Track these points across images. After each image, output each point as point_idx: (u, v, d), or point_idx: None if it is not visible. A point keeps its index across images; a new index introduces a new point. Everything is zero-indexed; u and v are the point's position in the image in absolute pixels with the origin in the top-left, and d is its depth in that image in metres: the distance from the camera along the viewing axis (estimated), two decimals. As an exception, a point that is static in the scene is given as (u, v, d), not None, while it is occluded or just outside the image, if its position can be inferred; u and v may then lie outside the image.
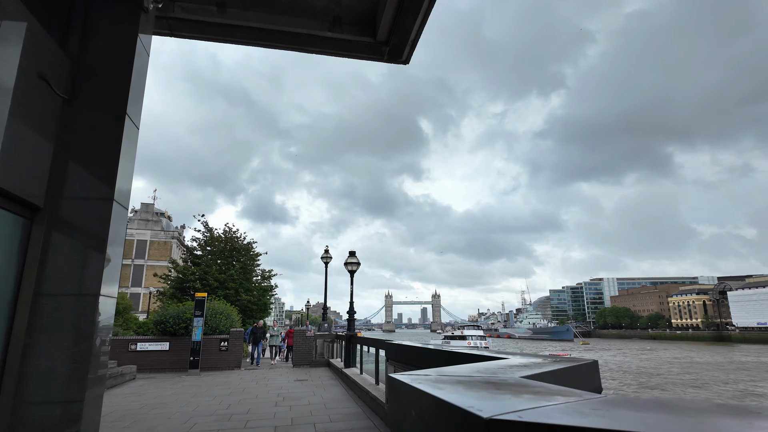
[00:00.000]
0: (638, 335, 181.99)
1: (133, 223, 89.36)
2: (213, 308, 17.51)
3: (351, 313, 13.85)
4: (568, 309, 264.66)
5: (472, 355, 4.23)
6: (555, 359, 3.47)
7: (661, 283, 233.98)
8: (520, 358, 3.81)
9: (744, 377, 51.97)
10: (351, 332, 13.52)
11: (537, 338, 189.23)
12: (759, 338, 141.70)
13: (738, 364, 71.13)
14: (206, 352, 16.73)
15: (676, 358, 78.45)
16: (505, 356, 3.85)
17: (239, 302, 21.94)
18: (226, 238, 24.47)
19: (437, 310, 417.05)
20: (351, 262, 13.95)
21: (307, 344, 17.59)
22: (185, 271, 22.55)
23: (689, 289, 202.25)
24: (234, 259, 23.93)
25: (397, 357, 6.53)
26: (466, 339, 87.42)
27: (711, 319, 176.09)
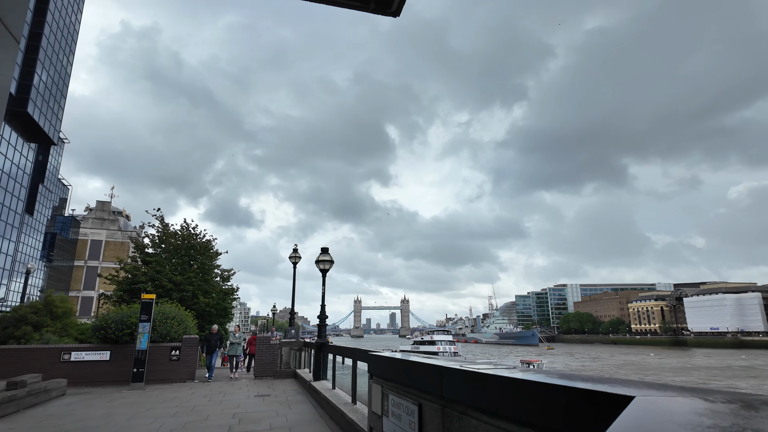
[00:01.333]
0: (600, 340, 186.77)
1: (87, 222, 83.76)
2: (164, 312, 15.39)
3: (322, 318, 12.19)
4: (533, 314, 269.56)
5: (513, 380, 2.79)
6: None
7: (621, 289, 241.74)
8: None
9: (693, 378, 53.26)
10: (322, 339, 11.86)
11: (503, 343, 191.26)
12: (712, 342, 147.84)
13: (691, 365, 73.38)
14: (154, 362, 14.61)
15: (633, 362, 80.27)
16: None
17: (196, 306, 19.76)
18: (183, 236, 22.17)
19: (406, 316, 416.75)
20: (323, 260, 12.30)
21: (271, 353, 15.69)
22: (135, 272, 20.14)
23: (648, 296, 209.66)
24: (191, 258, 21.68)
25: (387, 374, 5.00)
26: (435, 344, 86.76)
27: (668, 324, 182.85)
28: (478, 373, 3.25)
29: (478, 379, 3.23)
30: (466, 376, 3.40)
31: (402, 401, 4.53)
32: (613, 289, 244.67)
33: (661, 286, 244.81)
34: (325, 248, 12.53)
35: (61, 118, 71.26)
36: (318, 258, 12.36)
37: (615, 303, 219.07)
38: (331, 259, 12.42)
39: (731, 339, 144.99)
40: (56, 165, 77.42)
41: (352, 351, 8.24)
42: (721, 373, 63.12)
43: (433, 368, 3.84)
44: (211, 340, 16.33)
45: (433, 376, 3.83)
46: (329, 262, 12.36)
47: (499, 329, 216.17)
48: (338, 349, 9.73)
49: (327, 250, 12.53)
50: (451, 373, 3.59)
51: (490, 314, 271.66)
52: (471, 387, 3.29)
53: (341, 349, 9.45)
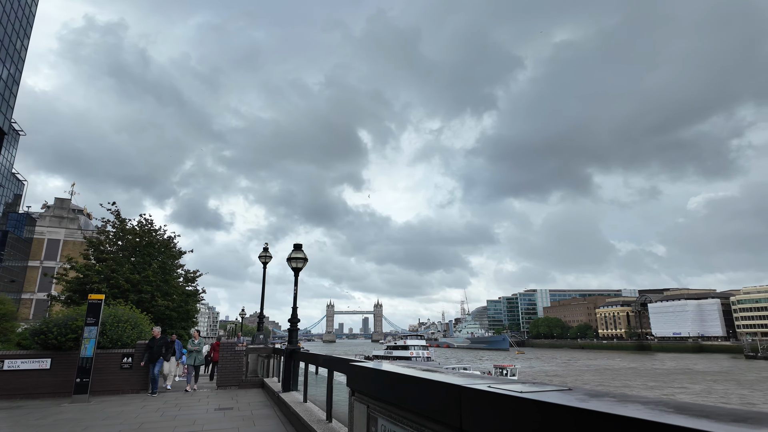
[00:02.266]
0: (568, 345, 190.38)
1: (45, 220, 78.98)
2: (115, 315, 13.79)
3: (293, 322, 10.98)
4: (504, 319, 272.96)
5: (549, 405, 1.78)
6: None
7: (589, 295, 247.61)
8: None
9: (650, 381, 54.34)
10: (293, 345, 10.65)
11: (475, 347, 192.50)
12: (674, 347, 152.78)
13: (650, 369, 75.22)
14: (102, 371, 13.00)
15: (599, 366, 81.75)
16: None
17: (155, 308, 18.08)
18: (142, 232, 20.41)
19: (379, 320, 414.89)
20: (296, 258, 11.11)
21: (236, 360, 14.30)
22: (87, 270, 18.27)
23: (614, 301, 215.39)
24: (151, 257, 19.93)
25: (376, 391, 3.89)
26: (408, 349, 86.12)
27: (633, 329, 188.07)
28: (522, 399, 2.19)
29: (522, 408, 2.16)
30: (501, 402, 2.33)
31: (399, 430, 3.46)
32: (581, 295, 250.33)
33: (627, 292, 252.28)
34: (298, 245, 11.36)
35: (12, 106, 67.15)
36: (290, 255, 11.16)
37: (583, 308, 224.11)
38: (305, 257, 11.25)
39: (692, 344, 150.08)
40: (9, 158, 72.81)
41: (328, 360, 7.10)
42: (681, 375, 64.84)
43: (447, 388, 2.73)
44: (153, 346, 13.48)
45: (447, 398, 2.73)
46: (302, 260, 11.18)
47: (471, 334, 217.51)
48: (311, 356, 8.57)
49: (300, 246, 11.35)
50: (476, 396, 2.51)
51: (462, 319, 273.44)
52: (511, 418, 2.24)
53: (315, 356, 8.30)
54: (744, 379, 60.91)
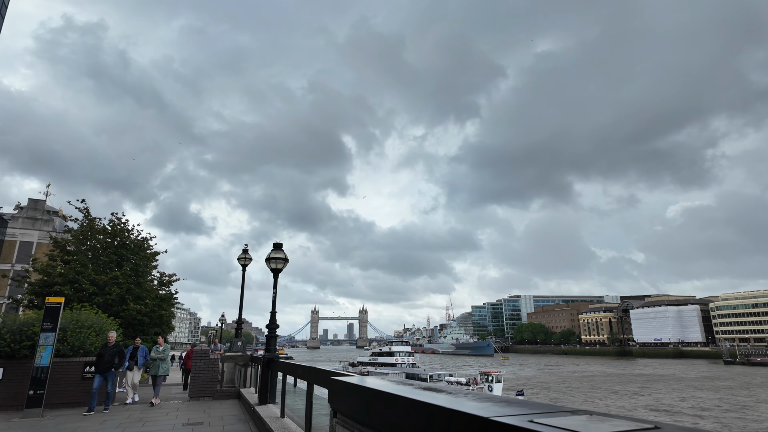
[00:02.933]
0: (552, 351, 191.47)
1: (17, 222, 76.14)
2: (78, 320, 12.65)
3: (272, 328, 10.07)
4: (489, 325, 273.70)
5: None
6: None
7: (572, 301, 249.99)
8: None
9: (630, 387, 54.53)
10: (271, 354, 9.73)
11: (460, 353, 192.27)
12: (655, 353, 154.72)
13: (629, 376, 75.69)
14: (61, 381, 11.86)
15: (585, 373, 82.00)
16: None
17: (126, 313, 16.88)
18: (114, 231, 19.17)
19: (364, 326, 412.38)
20: (276, 258, 10.23)
21: (210, 369, 13.24)
22: (50, 271, 16.95)
23: (597, 307, 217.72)
24: (122, 258, 18.71)
25: (363, 416, 2.98)
26: (393, 355, 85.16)
27: (615, 335, 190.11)
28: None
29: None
30: None
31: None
32: (564, 301, 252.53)
33: (609, 298, 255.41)
34: (279, 244, 10.47)
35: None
36: (269, 255, 10.27)
37: (566, 314, 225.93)
38: (285, 257, 10.37)
39: (673, 349, 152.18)
40: (-19, 157, 70.03)
41: (308, 371, 6.25)
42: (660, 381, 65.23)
43: (467, 420, 1.90)
44: (104, 354, 11.58)
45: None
46: (282, 261, 10.30)
47: (456, 340, 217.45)
48: (290, 367, 7.70)
49: (280, 246, 10.47)
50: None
51: (447, 325, 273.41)
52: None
53: (294, 367, 7.43)
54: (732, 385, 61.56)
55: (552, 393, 55.36)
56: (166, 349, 13.42)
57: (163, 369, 13.27)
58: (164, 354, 13.36)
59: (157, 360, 13.16)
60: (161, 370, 13.22)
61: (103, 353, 11.69)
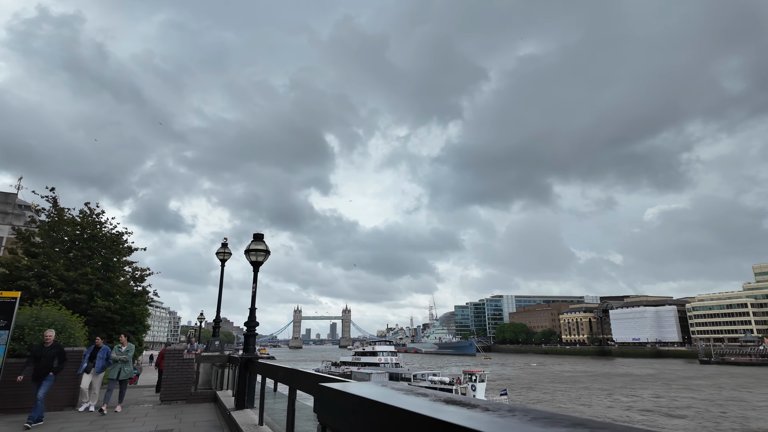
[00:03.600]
0: (533, 350, 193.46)
1: (-14, 216, 73.22)
2: (38, 317, 11.60)
3: (251, 325, 9.26)
4: (471, 324, 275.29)
5: None
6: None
7: (553, 301, 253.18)
8: None
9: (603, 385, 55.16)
10: (249, 354, 8.93)
11: (443, 353, 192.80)
12: (634, 352, 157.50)
13: (614, 375, 76.69)
14: (16, 383, 10.82)
15: (573, 373, 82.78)
16: None
17: (94, 310, 15.78)
18: (84, 223, 18.00)
19: (347, 326, 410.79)
20: (256, 249, 9.41)
21: (184, 370, 12.32)
22: (15, 263, 15.68)
23: (577, 308, 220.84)
24: (93, 252, 17.53)
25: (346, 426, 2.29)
26: (377, 355, 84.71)
27: (595, 335, 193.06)
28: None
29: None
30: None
31: None
32: (545, 301, 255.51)
33: (589, 298, 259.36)
34: (259, 235, 9.66)
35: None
36: (249, 246, 9.45)
37: (547, 314, 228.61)
38: (267, 249, 9.57)
39: (650, 349, 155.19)
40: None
41: (289, 374, 5.49)
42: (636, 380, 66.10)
43: None
44: (41, 356, 9.83)
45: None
46: (264, 253, 9.50)
47: (439, 339, 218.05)
48: (269, 369, 6.92)
49: (261, 237, 9.66)
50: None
51: (430, 324, 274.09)
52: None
53: (274, 369, 6.67)
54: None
55: (535, 393, 55.48)
56: (129, 349, 11.66)
57: (125, 372, 11.48)
58: (127, 355, 11.57)
59: (118, 362, 11.42)
60: (123, 374, 11.42)
61: (40, 355, 9.92)
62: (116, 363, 11.25)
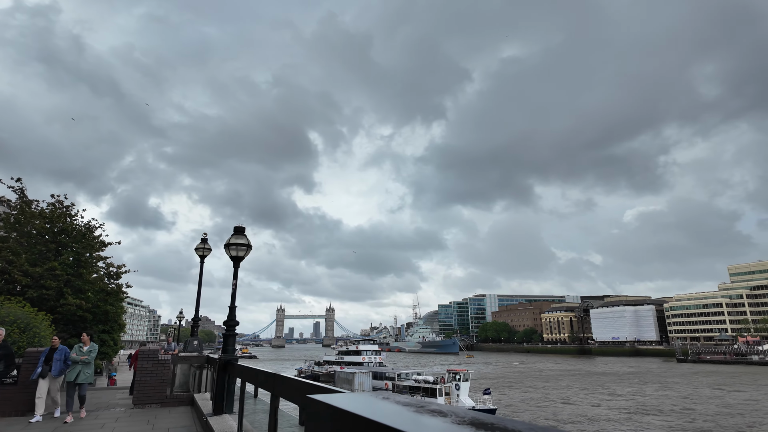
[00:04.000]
0: (515, 349, 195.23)
1: (-46, 210, 70.30)
2: (-3, 315, 10.76)
3: (230, 324, 8.62)
4: (454, 323, 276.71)
5: None
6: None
7: (535, 300, 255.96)
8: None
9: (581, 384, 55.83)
10: (228, 355, 8.30)
11: (426, 352, 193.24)
12: (613, 351, 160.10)
13: (597, 374, 77.71)
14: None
15: (552, 371, 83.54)
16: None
17: (63, 308, 14.85)
18: (53, 216, 16.98)
19: (331, 325, 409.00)
20: (237, 244, 8.75)
21: (159, 371, 11.56)
22: (-24, 259, 14.64)
23: (558, 307, 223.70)
24: (62, 246, 16.55)
25: None
26: (360, 354, 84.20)
27: (576, 334, 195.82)
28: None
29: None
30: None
31: None
32: (527, 301, 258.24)
33: (570, 298, 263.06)
34: (241, 228, 9.02)
35: None
36: (230, 240, 8.80)
37: (529, 313, 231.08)
38: (248, 243, 8.93)
39: (629, 348, 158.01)
40: None
41: (271, 379, 4.91)
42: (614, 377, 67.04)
43: None
44: None
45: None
46: (245, 247, 8.86)
47: (422, 338, 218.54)
48: (250, 373, 6.34)
49: (243, 230, 9.02)
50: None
51: (414, 323, 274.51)
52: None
53: (254, 373, 6.09)
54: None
55: (517, 392, 55.68)
56: (92, 349, 10.41)
57: (84, 375, 10.13)
58: (89, 356, 10.30)
59: (78, 364, 10.12)
60: (82, 377, 10.09)
61: None
62: (75, 365, 10.10)
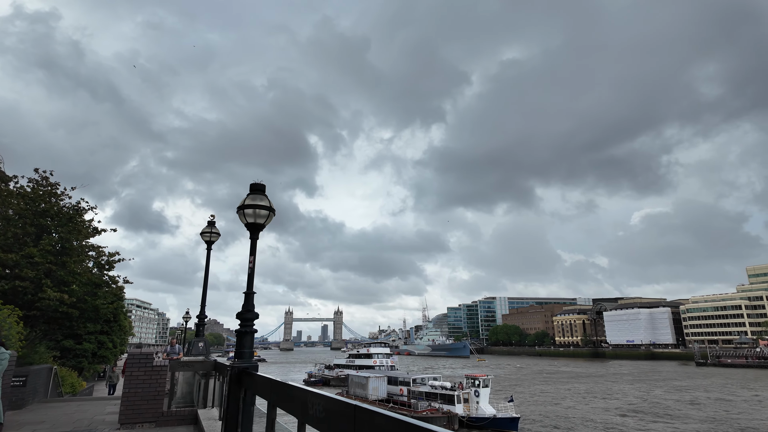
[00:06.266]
0: (526, 352, 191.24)
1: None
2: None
3: (247, 317, 6.07)
4: (464, 326, 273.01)
5: None
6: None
7: (546, 303, 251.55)
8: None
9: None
10: (246, 362, 5.82)
11: (436, 355, 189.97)
12: (627, 354, 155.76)
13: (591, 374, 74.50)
14: None
15: (575, 375, 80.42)
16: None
17: (42, 302, 12.42)
18: (35, 195, 14.63)
19: (339, 328, 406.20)
20: (255, 206, 6.17)
21: (153, 381, 9.03)
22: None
23: (570, 309, 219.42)
24: (45, 230, 14.12)
25: None
26: (372, 357, 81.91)
27: (589, 337, 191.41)
28: None
29: None
30: None
31: None
32: (538, 303, 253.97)
33: (581, 300, 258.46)
34: (259, 186, 6.53)
35: None
36: (244, 202, 6.35)
37: (540, 316, 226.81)
38: (270, 206, 6.47)
39: (644, 351, 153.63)
40: None
41: (341, 407, 2.41)
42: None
43: None
44: None
45: None
46: (266, 212, 6.40)
47: (432, 341, 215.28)
48: (282, 389, 3.82)
49: (262, 189, 6.56)
50: None
51: (423, 326, 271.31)
52: None
53: (290, 390, 3.58)
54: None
55: (545, 405, 52.81)
56: (2, 357, 8.34)
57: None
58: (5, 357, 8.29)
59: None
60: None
61: None
62: None
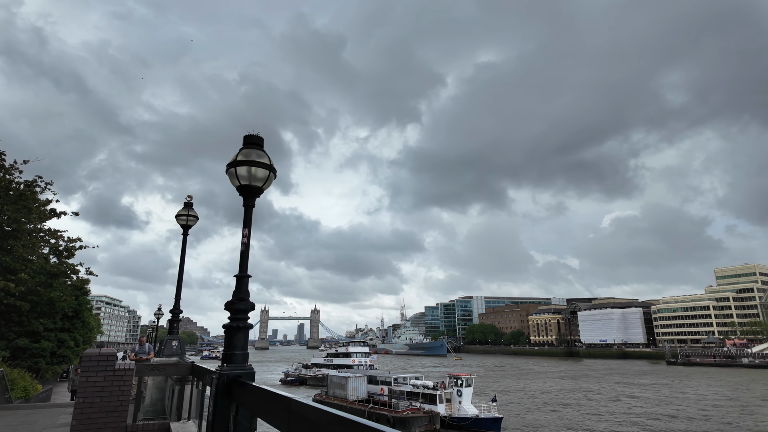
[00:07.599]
0: (502, 351, 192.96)
1: None
2: None
3: (237, 308, 4.60)
4: (441, 325, 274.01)
5: None
6: None
7: (522, 302, 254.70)
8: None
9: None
10: (235, 365, 4.35)
11: (413, 354, 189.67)
12: (600, 353, 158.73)
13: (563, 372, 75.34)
14: None
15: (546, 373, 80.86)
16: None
17: (-16, 294, 10.56)
18: (-22, 169, 12.48)
19: (316, 326, 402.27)
20: (252, 163, 4.58)
21: (114, 389, 7.29)
22: None
23: (546, 309, 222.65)
24: (-9, 209, 12.13)
25: None
26: (350, 356, 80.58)
27: (563, 336, 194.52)
28: None
29: None
30: None
31: None
32: (514, 303, 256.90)
33: (556, 300, 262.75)
34: (256, 138, 5.04)
35: None
36: (236, 158, 4.84)
37: (516, 315, 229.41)
38: (270, 165, 4.93)
39: (617, 350, 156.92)
40: None
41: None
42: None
43: None
44: None
45: None
46: (266, 171, 4.91)
47: (410, 340, 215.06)
48: (306, 413, 2.40)
49: (260, 143, 5.02)
50: None
51: (401, 325, 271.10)
52: None
53: (310, 410, 2.18)
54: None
55: (526, 404, 52.45)
56: None
57: None
58: None
59: None
60: None
61: None
62: None
